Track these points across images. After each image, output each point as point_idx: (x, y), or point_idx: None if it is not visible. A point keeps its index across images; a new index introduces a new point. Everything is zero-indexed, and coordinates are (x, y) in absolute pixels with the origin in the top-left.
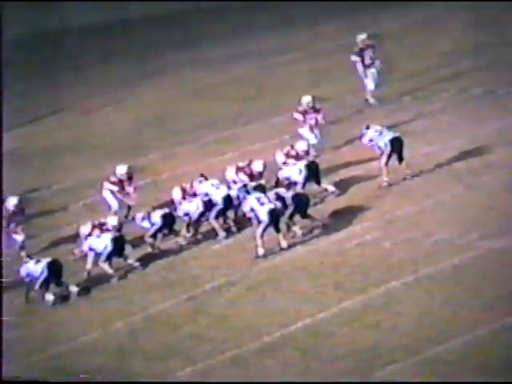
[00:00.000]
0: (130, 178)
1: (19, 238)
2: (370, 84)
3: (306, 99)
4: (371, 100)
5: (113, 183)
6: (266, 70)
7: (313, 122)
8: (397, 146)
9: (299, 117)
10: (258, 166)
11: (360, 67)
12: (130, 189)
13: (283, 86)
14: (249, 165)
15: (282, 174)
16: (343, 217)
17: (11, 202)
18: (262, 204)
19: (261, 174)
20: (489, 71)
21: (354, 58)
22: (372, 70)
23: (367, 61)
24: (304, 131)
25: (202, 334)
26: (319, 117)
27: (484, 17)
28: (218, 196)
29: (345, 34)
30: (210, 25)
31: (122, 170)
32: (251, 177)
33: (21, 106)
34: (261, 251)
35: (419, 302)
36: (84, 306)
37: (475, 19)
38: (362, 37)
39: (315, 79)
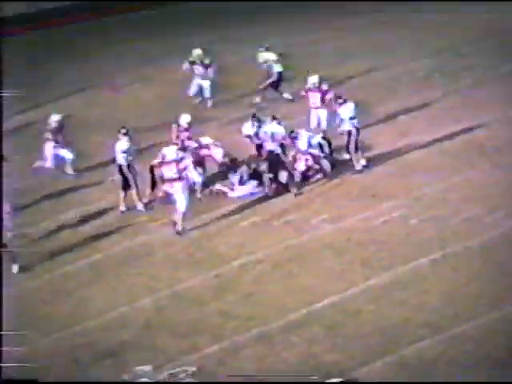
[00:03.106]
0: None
1: (68, 155)
2: (206, 93)
3: (312, 79)
4: (209, 103)
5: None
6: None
7: (317, 103)
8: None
9: (303, 94)
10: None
11: (192, 70)
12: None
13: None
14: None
15: None
16: (370, 194)
17: (53, 118)
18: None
19: None
20: None
21: (186, 66)
22: (206, 82)
23: (199, 71)
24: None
25: (228, 311)
26: (327, 96)
27: None
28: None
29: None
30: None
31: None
32: None
33: (46, 84)
34: None
35: (446, 279)
36: (111, 283)
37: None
38: (197, 51)
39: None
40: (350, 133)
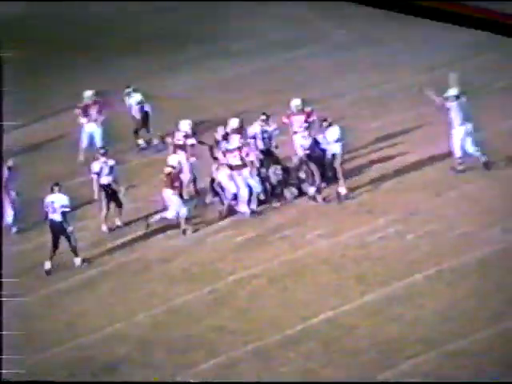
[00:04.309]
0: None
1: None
2: (85, 142)
3: (294, 102)
4: (80, 158)
5: None
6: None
7: (302, 126)
8: None
9: (285, 120)
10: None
11: (83, 121)
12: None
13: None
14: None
15: None
16: (365, 210)
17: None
18: None
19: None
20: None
21: (78, 111)
22: (96, 127)
23: (93, 116)
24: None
25: (224, 327)
26: (311, 118)
27: None
28: None
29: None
30: (233, 17)
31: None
32: None
33: (45, 98)
34: None
35: (442, 295)
36: (107, 298)
37: None
38: (88, 93)
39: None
40: (334, 156)
